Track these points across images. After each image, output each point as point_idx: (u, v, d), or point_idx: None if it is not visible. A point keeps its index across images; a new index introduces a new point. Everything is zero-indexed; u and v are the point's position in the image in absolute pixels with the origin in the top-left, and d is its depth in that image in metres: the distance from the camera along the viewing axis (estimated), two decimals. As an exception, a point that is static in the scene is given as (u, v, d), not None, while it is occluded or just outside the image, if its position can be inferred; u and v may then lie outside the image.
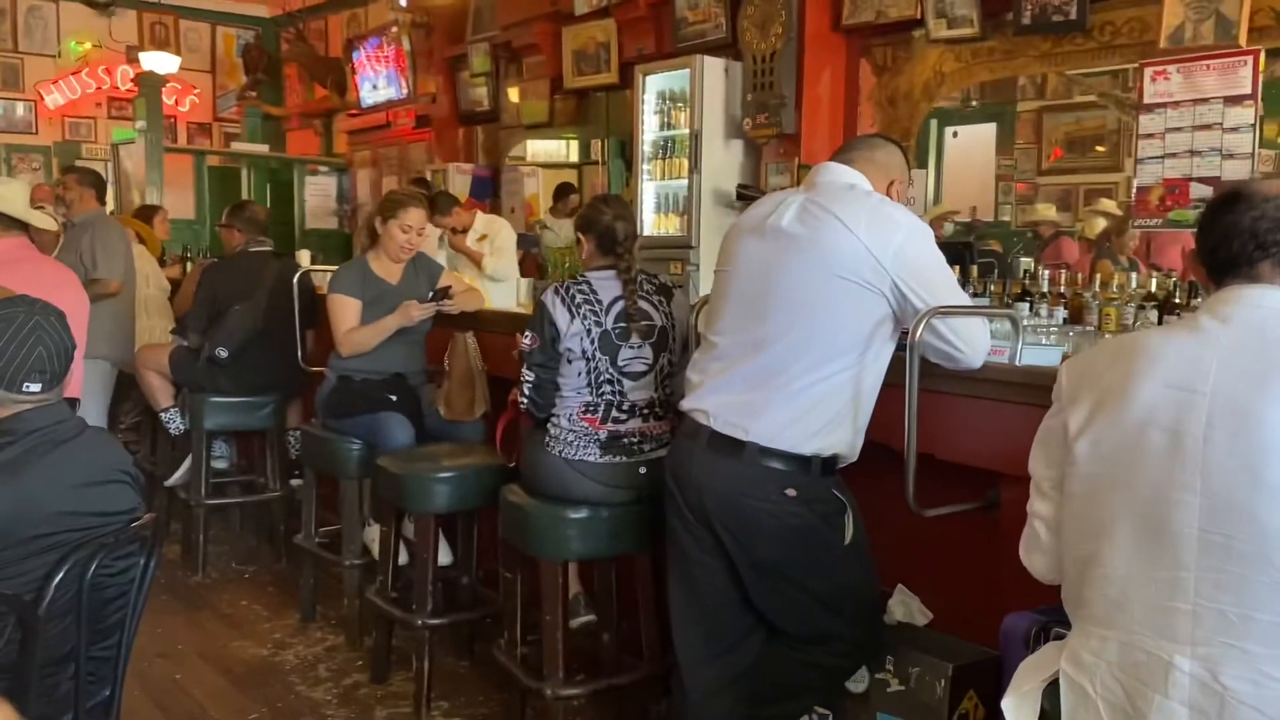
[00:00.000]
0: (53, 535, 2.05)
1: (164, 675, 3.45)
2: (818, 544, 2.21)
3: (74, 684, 2.10)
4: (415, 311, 3.66)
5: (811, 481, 2.19)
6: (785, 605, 2.27)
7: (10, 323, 2.08)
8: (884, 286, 2.12)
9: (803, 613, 2.27)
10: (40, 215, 3.80)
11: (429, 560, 3.22)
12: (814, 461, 2.18)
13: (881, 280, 2.11)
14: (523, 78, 7.33)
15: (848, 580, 2.27)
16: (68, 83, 9.39)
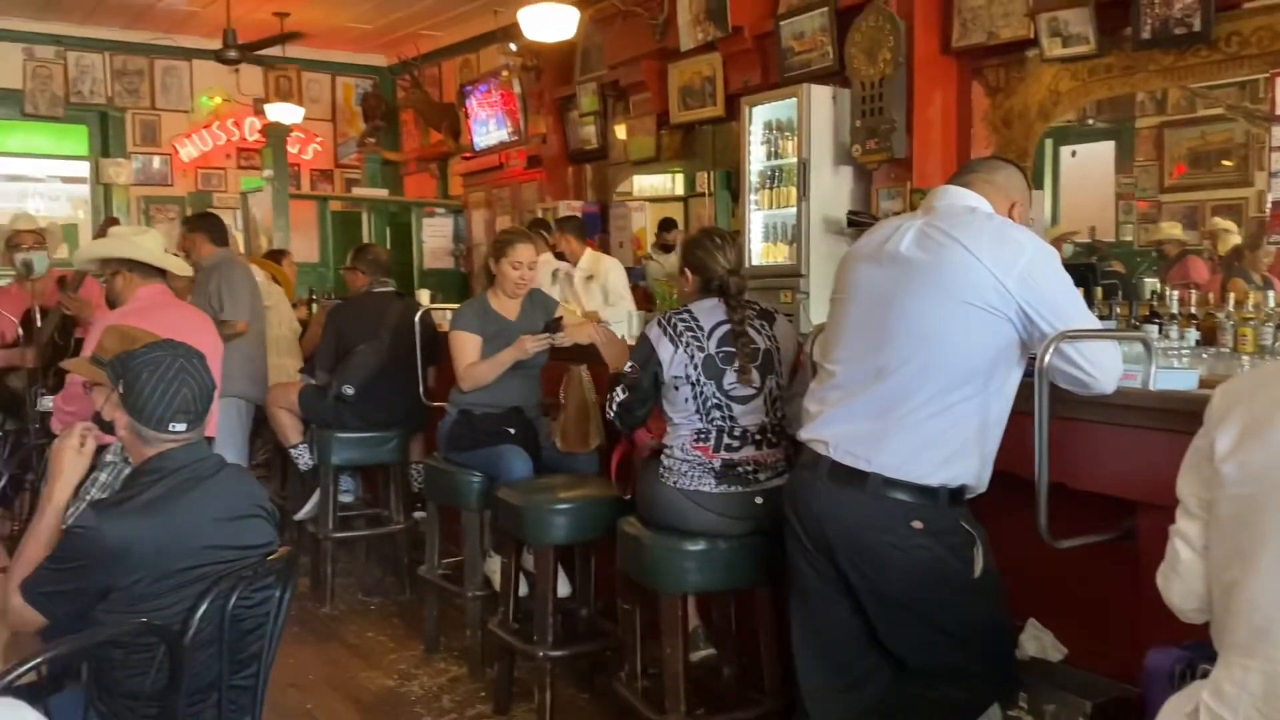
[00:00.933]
0: (197, 568, 2.14)
1: (297, 705, 3.55)
2: (946, 577, 2.16)
3: (217, 712, 2.18)
4: (529, 344, 3.73)
5: (939, 513, 2.14)
6: (912, 640, 2.22)
7: (158, 366, 2.19)
8: (1009, 311, 2.07)
9: (931, 648, 2.21)
10: (177, 261, 4.00)
11: (549, 591, 3.25)
12: (941, 493, 2.13)
13: (1007, 304, 2.07)
14: (630, 115, 7.43)
15: (977, 614, 2.20)
16: (200, 136, 9.90)
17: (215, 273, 5.03)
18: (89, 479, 2.68)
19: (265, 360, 5.23)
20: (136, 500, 2.14)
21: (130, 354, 2.24)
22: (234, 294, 4.95)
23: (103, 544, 2.05)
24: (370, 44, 10.14)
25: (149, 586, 2.09)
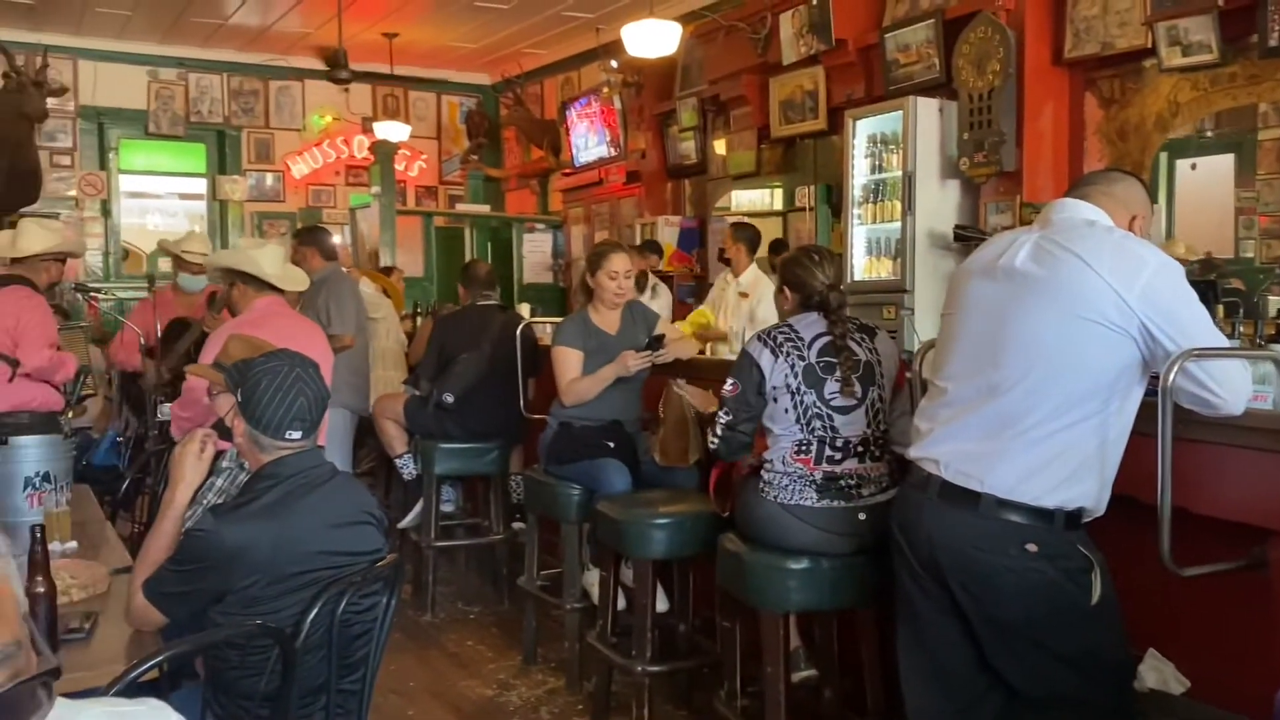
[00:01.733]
0: (309, 573, 2.19)
1: (398, 711, 3.61)
2: (1061, 603, 2.07)
3: (325, 715, 2.23)
4: (631, 361, 3.74)
5: (1054, 536, 2.06)
6: (1025, 666, 2.14)
7: (276, 375, 2.25)
8: (1131, 328, 1.99)
9: (1045, 674, 2.13)
10: (292, 277, 4.11)
11: (648, 606, 3.24)
12: (1057, 515, 2.06)
13: (1128, 321, 1.99)
14: (730, 129, 7.42)
15: (1094, 641, 2.12)
16: (311, 154, 10.22)
17: (324, 286, 5.18)
18: (206, 484, 2.76)
19: (369, 372, 5.36)
20: (253, 505, 2.21)
21: (249, 362, 2.31)
22: (341, 308, 5.09)
23: (221, 546, 2.11)
24: (474, 63, 10.34)
25: (263, 589, 2.15)
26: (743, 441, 2.83)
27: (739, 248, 5.98)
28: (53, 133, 8.98)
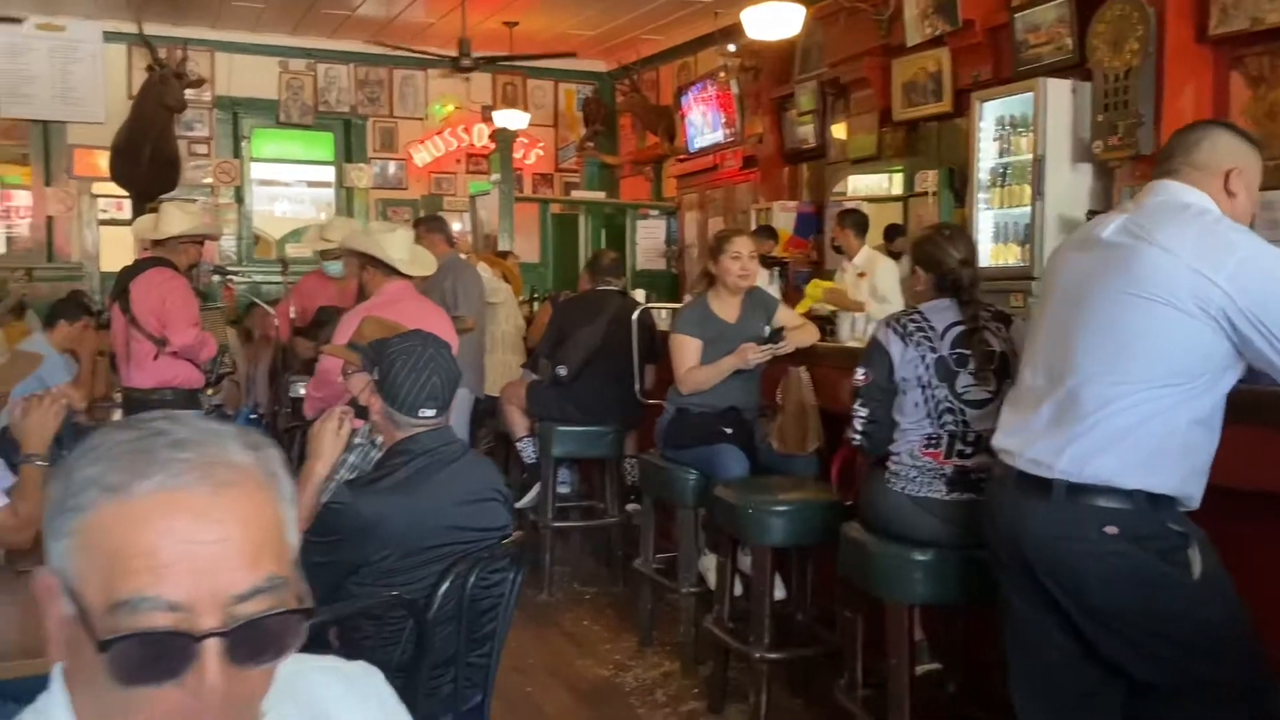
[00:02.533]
0: (440, 547, 2.24)
1: (517, 688, 3.67)
2: (1158, 583, 1.98)
3: (453, 687, 2.28)
4: (752, 355, 3.72)
5: (1136, 517, 1.97)
6: (1139, 654, 2.04)
7: (411, 354, 2.31)
8: (1213, 315, 1.89)
9: (1163, 660, 2.03)
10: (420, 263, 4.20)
11: (766, 593, 3.23)
12: (1136, 496, 1.97)
13: (1209, 307, 1.89)
14: (850, 113, 7.30)
15: (1207, 618, 1.99)
16: (433, 142, 10.44)
17: (449, 272, 5.32)
18: (339, 460, 2.85)
19: (484, 354, 5.49)
20: (388, 480, 2.27)
21: (385, 342, 2.38)
22: (466, 292, 5.24)
23: (357, 519, 2.18)
24: (592, 50, 10.41)
25: (397, 562, 2.21)
26: (886, 433, 2.77)
27: (847, 233, 6.06)
28: (190, 122, 9.36)
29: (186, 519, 0.80)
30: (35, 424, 2.64)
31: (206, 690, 0.79)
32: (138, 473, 0.81)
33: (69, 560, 0.82)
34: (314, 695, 1.01)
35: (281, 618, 0.83)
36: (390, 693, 1.12)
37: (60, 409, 2.68)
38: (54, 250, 9.19)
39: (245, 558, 0.82)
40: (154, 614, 0.78)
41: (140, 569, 0.79)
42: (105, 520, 0.80)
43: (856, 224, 6.09)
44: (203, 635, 0.79)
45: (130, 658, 0.78)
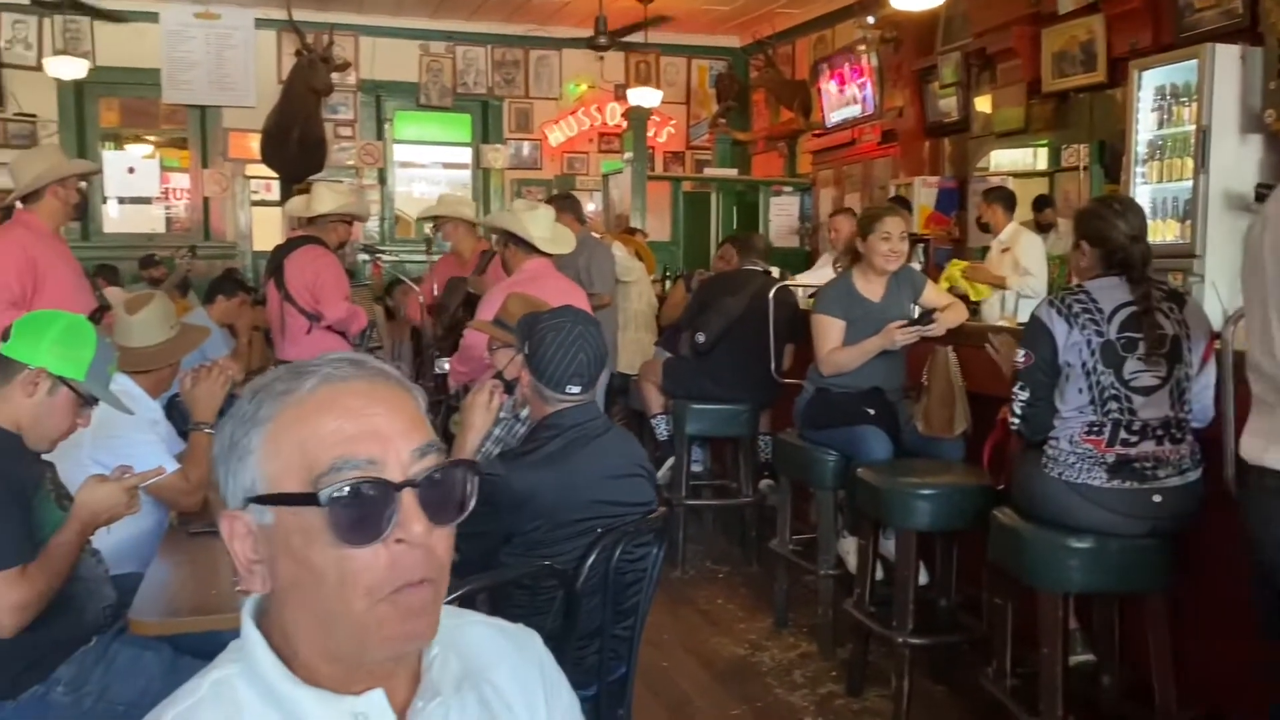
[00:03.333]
0: (587, 520, 2.27)
1: (653, 662, 3.69)
2: None
3: (598, 659, 2.30)
4: (898, 336, 3.62)
5: None
6: None
7: (560, 330, 2.33)
8: None
9: None
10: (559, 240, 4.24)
11: (910, 577, 3.16)
12: None
13: None
14: (995, 85, 7.04)
15: None
16: (566, 122, 10.53)
17: (583, 250, 5.38)
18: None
19: (617, 333, 5.53)
20: (537, 453, 2.30)
21: (536, 318, 2.41)
22: (601, 271, 5.29)
23: (509, 491, 2.22)
24: (726, 25, 10.31)
25: (546, 534, 2.25)
26: (1047, 416, 2.65)
27: (994, 209, 5.89)
28: (335, 106, 9.66)
29: (357, 399, 0.92)
30: (203, 394, 2.78)
31: (416, 535, 0.88)
32: (301, 377, 0.93)
33: (260, 470, 0.90)
34: (475, 647, 1.06)
35: (456, 471, 0.93)
36: (549, 656, 1.14)
37: (226, 379, 2.81)
38: (210, 230, 9.65)
39: (411, 424, 0.93)
40: (355, 473, 0.88)
41: (333, 443, 0.89)
42: (286, 421, 0.91)
43: (1004, 200, 5.91)
44: (401, 484, 0.89)
45: (348, 513, 0.87)
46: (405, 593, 0.88)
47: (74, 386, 2.14)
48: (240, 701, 0.91)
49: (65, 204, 4.03)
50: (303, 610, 0.91)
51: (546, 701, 1.09)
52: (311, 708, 0.90)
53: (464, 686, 1.01)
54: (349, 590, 0.88)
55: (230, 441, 0.93)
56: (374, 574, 0.87)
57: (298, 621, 0.92)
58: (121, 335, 2.85)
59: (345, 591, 0.88)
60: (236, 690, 0.92)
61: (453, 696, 0.98)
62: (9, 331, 2.15)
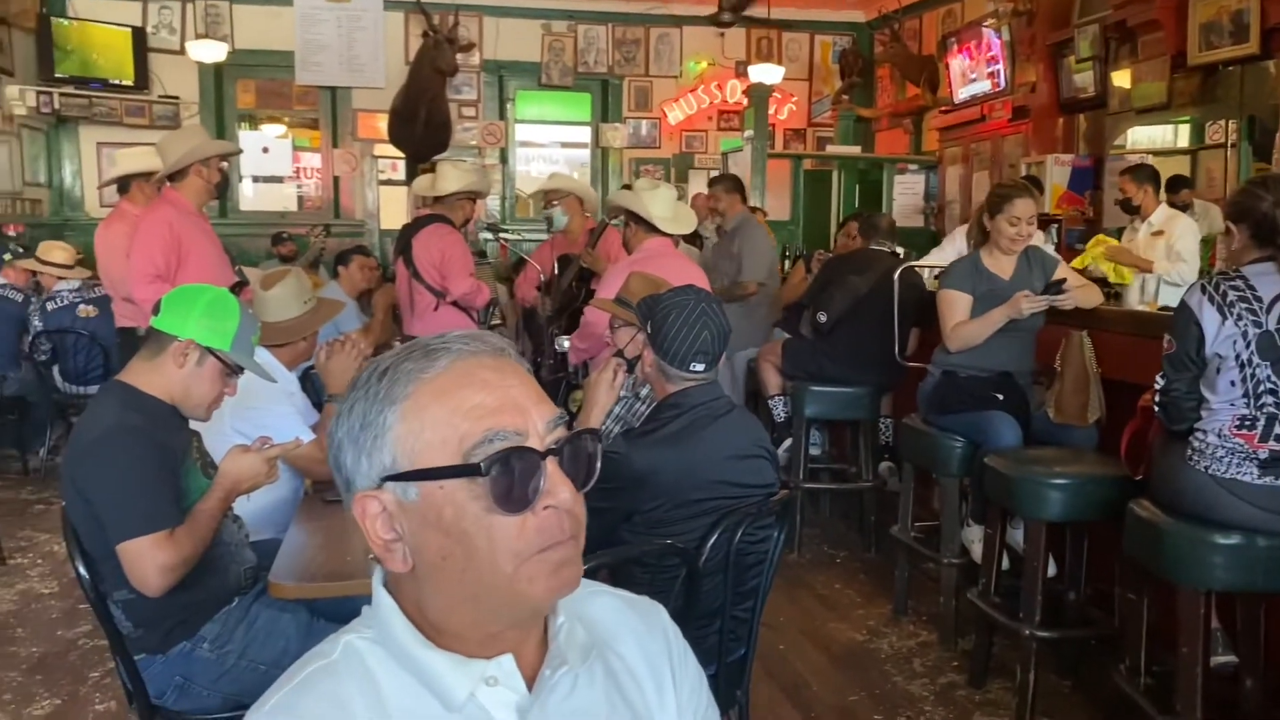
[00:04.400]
0: (708, 500, 2.26)
1: (770, 644, 3.67)
2: None
3: (718, 639, 2.30)
4: (1025, 304, 3.51)
5: None
6: None
7: (683, 309, 2.32)
8: None
9: None
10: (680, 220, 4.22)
11: (1039, 568, 3.06)
12: None
13: None
14: (1136, 58, 6.72)
15: None
16: (686, 100, 10.48)
17: (739, 234, 5.41)
18: (604, 411, 2.92)
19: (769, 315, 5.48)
20: (660, 432, 2.31)
21: (658, 297, 2.41)
22: (754, 256, 5.28)
23: (630, 468, 2.23)
24: (851, 0, 10.11)
25: (667, 513, 2.25)
26: (1188, 406, 2.53)
27: (1145, 189, 5.50)
28: (459, 86, 9.82)
29: (490, 373, 0.94)
30: (338, 366, 2.87)
31: (564, 500, 0.91)
32: (431, 356, 0.94)
33: (400, 447, 0.92)
34: (601, 618, 1.07)
35: (587, 440, 0.96)
36: (676, 630, 1.13)
37: (359, 353, 2.89)
38: (340, 208, 9.95)
39: (539, 396, 0.96)
40: (505, 443, 0.91)
41: (479, 416, 0.91)
42: (426, 397, 0.92)
43: (1155, 179, 5.56)
44: (545, 452, 0.92)
45: (503, 482, 0.90)
46: (553, 549, 0.91)
47: (221, 357, 2.23)
48: (372, 663, 0.94)
49: (208, 183, 4.21)
50: (448, 582, 0.93)
51: (674, 675, 1.09)
52: (443, 670, 0.93)
53: (591, 656, 1.02)
54: (499, 555, 0.90)
55: (362, 422, 0.93)
56: (524, 538, 0.90)
57: (439, 594, 0.94)
58: (258, 310, 2.96)
59: (495, 557, 0.90)
60: (369, 653, 0.94)
61: (580, 665, 1.00)
62: (159, 306, 2.25)
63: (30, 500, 5.60)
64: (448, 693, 0.92)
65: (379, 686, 0.92)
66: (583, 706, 0.99)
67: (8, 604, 4.05)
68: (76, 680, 3.36)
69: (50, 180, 8.98)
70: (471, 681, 0.93)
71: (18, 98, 8.16)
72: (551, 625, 1.00)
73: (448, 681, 0.93)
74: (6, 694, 3.26)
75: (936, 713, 3.19)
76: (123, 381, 2.21)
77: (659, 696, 1.07)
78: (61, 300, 6.09)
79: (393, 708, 0.91)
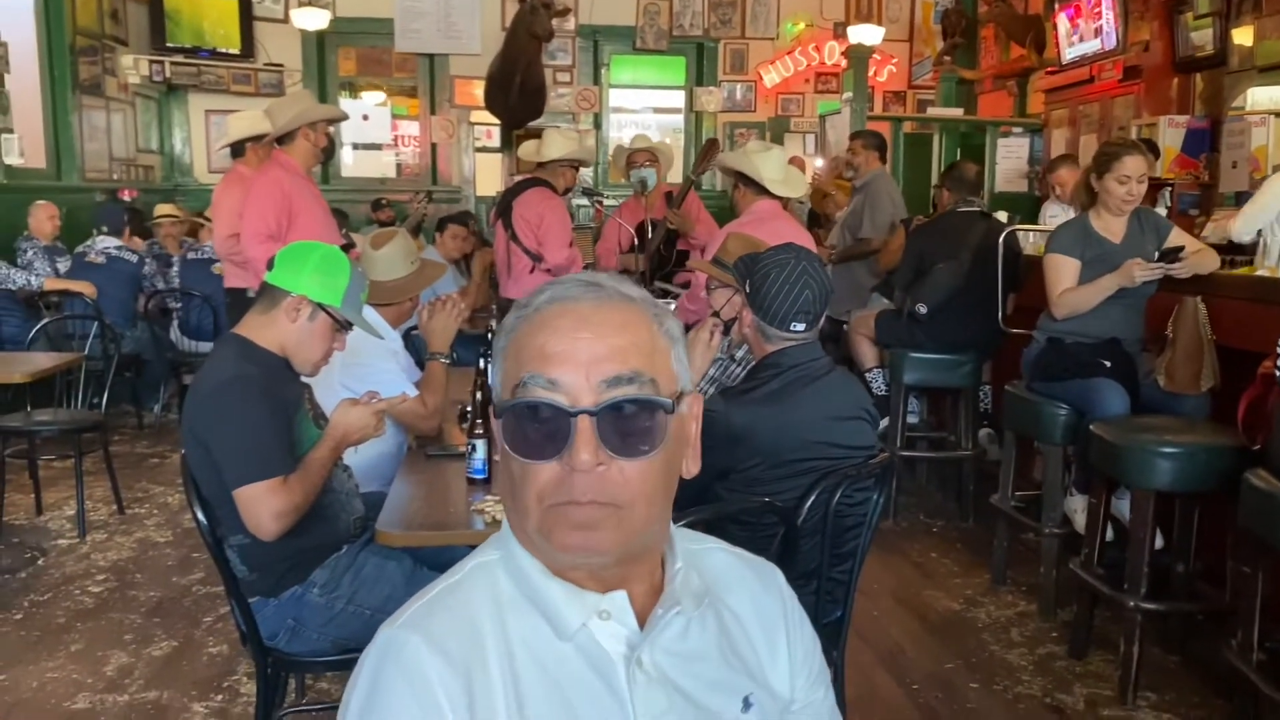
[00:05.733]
0: (807, 461, 2.25)
1: (864, 611, 3.64)
2: None
3: (815, 599, 2.30)
4: (1138, 272, 3.39)
5: None
6: None
7: (784, 267, 2.31)
8: None
9: None
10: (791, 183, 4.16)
11: (1145, 539, 2.98)
12: None
13: None
14: (1259, 13, 6.40)
15: None
16: (783, 62, 10.33)
17: (864, 190, 5.34)
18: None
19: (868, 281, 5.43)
20: (758, 391, 2.30)
21: (757, 256, 2.39)
22: (876, 216, 5.21)
23: (728, 426, 2.23)
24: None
25: (764, 471, 2.25)
26: None
27: None
28: (554, 51, 9.84)
29: (571, 320, 0.94)
30: (439, 326, 2.93)
31: (580, 463, 0.90)
32: (541, 292, 0.98)
33: (500, 376, 0.98)
34: (717, 570, 1.08)
35: (644, 408, 0.92)
36: (792, 592, 1.13)
37: (460, 313, 2.95)
38: (437, 175, 10.09)
39: (617, 352, 0.93)
40: (538, 389, 0.92)
41: (533, 357, 0.93)
42: (518, 334, 0.96)
43: None
44: (577, 412, 0.90)
45: (520, 426, 0.92)
46: (570, 508, 0.91)
47: (331, 312, 2.29)
48: (498, 583, 0.98)
49: (315, 146, 4.31)
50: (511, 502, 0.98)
51: (788, 635, 1.09)
52: (559, 598, 0.96)
53: (704, 604, 1.02)
54: (525, 493, 0.93)
55: (495, 349, 1.00)
56: (543, 485, 0.92)
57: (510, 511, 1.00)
58: (366, 269, 3.03)
59: (523, 493, 0.94)
60: (496, 574, 0.98)
61: (693, 610, 1.01)
62: (273, 262, 2.32)
63: (146, 454, 5.85)
64: (562, 621, 0.95)
65: (502, 608, 0.96)
66: (693, 650, 1.00)
67: (127, 551, 4.25)
68: (191, 624, 3.52)
69: (162, 147, 9.30)
70: (585, 612, 0.95)
71: (131, 67, 8.45)
72: (669, 569, 1.02)
73: (563, 610, 0.95)
74: (128, 635, 3.43)
75: (1035, 682, 3.14)
76: (239, 335, 2.29)
77: (770, 653, 1.07)
78: (201, 254, 6.37)
79: (511, 630, 0.94)
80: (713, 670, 1.01)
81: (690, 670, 0.99)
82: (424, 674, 0.89)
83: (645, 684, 0.96)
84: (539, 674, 0.93)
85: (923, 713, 2.97)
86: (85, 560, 4.12)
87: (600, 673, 0.95)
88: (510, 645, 0.93)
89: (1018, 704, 3.02)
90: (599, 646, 0.96)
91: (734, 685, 1.02)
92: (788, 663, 1.08)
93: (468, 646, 0.92)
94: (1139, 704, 2.98)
